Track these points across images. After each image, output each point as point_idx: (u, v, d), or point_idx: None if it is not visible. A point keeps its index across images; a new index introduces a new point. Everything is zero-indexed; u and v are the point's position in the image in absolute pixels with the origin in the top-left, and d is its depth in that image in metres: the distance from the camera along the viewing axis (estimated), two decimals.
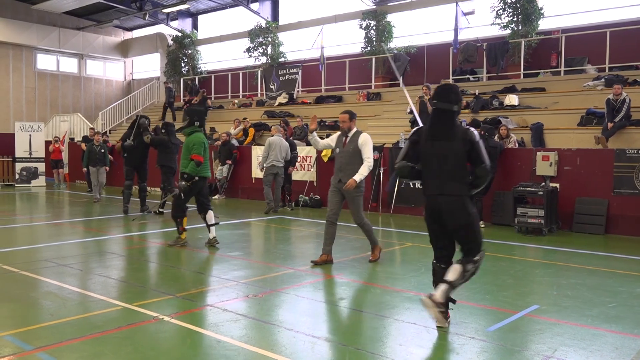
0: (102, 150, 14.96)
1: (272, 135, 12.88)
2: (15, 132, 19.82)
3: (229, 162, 15.45)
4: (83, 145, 16.78)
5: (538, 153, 10.58)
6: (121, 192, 12.21)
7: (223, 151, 15.53)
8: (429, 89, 12.65)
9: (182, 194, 8.29)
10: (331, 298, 5.71)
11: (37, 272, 6.75)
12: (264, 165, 12.70)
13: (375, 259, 7.45)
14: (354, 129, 7.24)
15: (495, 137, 11.35)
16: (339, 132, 7.43)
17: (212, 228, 8.46)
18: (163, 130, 12.23)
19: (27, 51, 25.26)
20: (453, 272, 4.70)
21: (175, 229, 8.58)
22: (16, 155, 19.63)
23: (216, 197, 15.71)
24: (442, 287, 4.66)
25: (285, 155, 12.76)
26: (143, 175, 12.25)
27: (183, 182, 8.19)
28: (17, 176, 19.64)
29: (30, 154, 19.73)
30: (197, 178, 8.21)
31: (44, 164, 19.84)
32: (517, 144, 11.60)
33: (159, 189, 13.42)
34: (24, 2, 24.27)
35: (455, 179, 4.64)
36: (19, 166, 19.63)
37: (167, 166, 11.72)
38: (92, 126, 20.54)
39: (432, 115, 4.81)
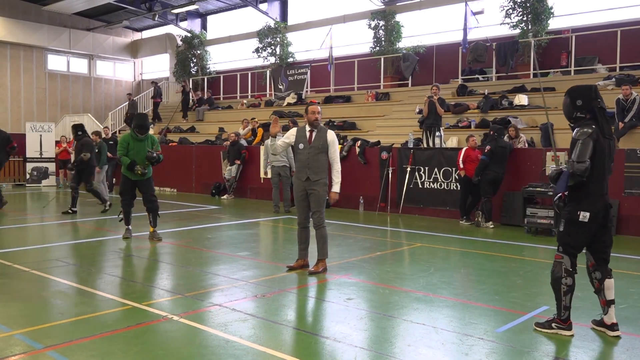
0: (111, 142, 15.06)
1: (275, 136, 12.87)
2: (26, 133, 19.97)
3: (238, 162, 15.48)
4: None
5: (548, 153, 10.52)
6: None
7: (232, 151, 15.57)
8: (438, 89, 12.60)
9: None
10: (339, 298, 5.71)
11: (47, 271, 6.80)
12: (267, 168, 12.75)
13: (316, 272, 6.73)
14: (320, 124, 6.84)
15: (505, 138, 11.31)
16: (294, 127, 7.03)
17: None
18: (79, 132, 12.32)
19: (37, 52, 25.45)
20: (612, 290, 4.68)
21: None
22: (27, 155, 19.77)
23: (225, 197, 15.76)
24: (613, 309, 4.67)
25: (287, 155, 12.58)
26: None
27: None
28: (27, 176, 19.79)
29: (41, 154, 19.87)
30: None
31: (54, 164, 19.97)
32: (526, 144, 11.54)
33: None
34: (35, 3, 24.45)
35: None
36: (29, 166, 19.77)
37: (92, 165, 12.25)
38: (105, 126, 20.56)
39: (600, 114, 4.61)
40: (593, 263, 4.73)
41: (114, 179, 17.29)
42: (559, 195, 4.72)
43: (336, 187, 6.75)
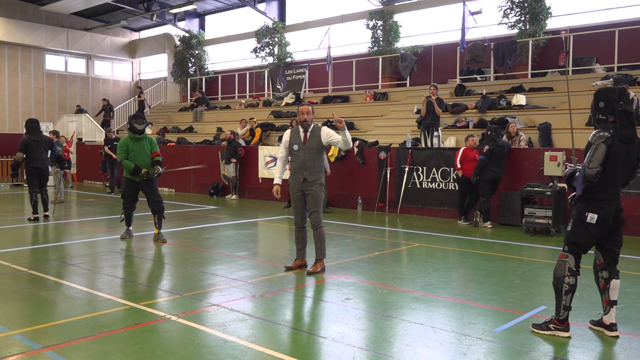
0: (115, 143, 15.18)
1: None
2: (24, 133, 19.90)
3: (234, 160, 15.43)
4: (107, 149, 16.89)
5: (546, 153, 10.53)
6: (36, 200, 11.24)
7: (228, 150, 15.54)
8: (436, 89, 12.59)
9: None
10: (338, 298, 5.71)
11: (45, 271, 6.79)
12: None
13: (314, 272, 6.74)
14: (312, 124, 6.78)
15: (504, 137, 11.33)
16: (288, 131, 6.98)
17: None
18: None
19: (35, 52, 25.41)
20: (616, 291, 4.70)
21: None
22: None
23: (228, 196, 15.73)
24: (614, 310, 4.68)
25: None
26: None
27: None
28: (25, 176, 19.73)
29: None
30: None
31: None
32: (526, 143, 11.55)
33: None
34: (33, 3, 24.41)
35: (621, 183, 4.64)
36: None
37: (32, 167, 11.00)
38: (109, 128, 20.56)
39: (622, 117, 4.54)
40: (601, 262, 4.72)
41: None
42: (572, 194, 4.71)
43: (347, 134, 6.53)
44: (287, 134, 6.96)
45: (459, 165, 11.03)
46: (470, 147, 11.11)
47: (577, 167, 4.63)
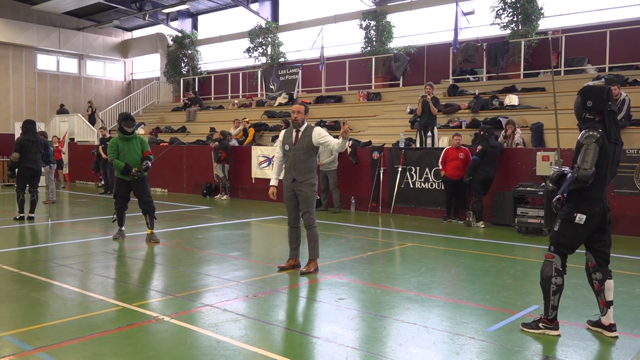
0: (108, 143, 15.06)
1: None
2: (16, 133, 19.77)
3: (215, 163, 15.50)
4: (100, 149, 16.79)
5: (538, 153, 10.57)
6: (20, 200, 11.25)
7: (216, 150, 15.56)
8: (431, 88, 12.58)
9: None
10: (331, 298, 5.71)
11: (37, 272, 6.75)
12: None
13: (307, 272, 6.75)
14: (305, 124, 6.78)
15: (500, 137, 11.37)
16: (283, 131, 7.02)
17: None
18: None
19: (27, 51, 25.25)
20: (611, 291, 4.71)
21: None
22: None
23: (218, 196, 15.70)
24: (611, 311, 4.69)
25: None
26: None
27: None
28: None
29: None
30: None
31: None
32: (522, 138, 11.60)
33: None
34: (24, 2, 24.27)
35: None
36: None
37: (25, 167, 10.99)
38: (102, 127, 20.39)
39: (610, 117, 4.51)
40: (594, 264, 4.71)
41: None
42: (557, 197, 4.70)
43: (343, 141, 6.45)
44: (281, 134, 7.00)
45: (440, 166, 11.11)
46: (454, 147, 11.13)
47: (564, 169, 4.64)
